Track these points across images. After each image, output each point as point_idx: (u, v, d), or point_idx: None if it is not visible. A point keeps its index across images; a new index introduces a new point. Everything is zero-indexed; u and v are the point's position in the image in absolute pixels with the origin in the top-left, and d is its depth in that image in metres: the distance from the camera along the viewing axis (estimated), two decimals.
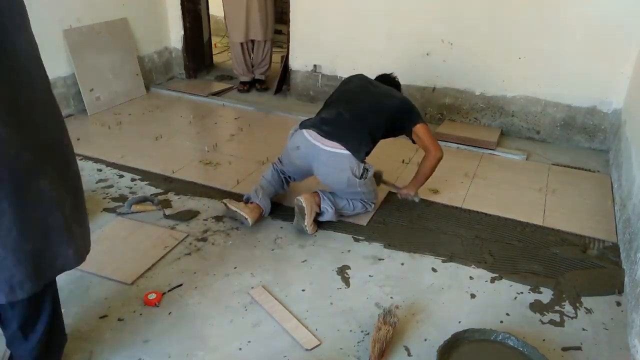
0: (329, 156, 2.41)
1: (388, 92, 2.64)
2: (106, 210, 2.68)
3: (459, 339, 1.84)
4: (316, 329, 1.94)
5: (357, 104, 2.54)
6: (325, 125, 2.44)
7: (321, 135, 2.43)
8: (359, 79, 2.73)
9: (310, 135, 2.46)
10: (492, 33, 3.63)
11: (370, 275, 2.26)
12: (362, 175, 2.45)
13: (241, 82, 4.70)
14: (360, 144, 2.44)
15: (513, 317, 2.05)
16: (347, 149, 2.39)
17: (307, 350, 1.84)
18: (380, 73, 2.89)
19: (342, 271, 2.28)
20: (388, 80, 2.83)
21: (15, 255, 1.29)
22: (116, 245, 2.38)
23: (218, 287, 2.15)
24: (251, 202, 2.59)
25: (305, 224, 2.45)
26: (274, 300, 2.08)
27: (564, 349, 1.90)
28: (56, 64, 3.73)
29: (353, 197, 2.57)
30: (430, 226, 2.65)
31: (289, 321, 1.97)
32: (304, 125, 2.51)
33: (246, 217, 2.48)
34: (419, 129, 2.57)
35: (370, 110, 2.51)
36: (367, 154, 2.50)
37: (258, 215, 2.54)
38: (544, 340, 1.94)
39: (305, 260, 2.34)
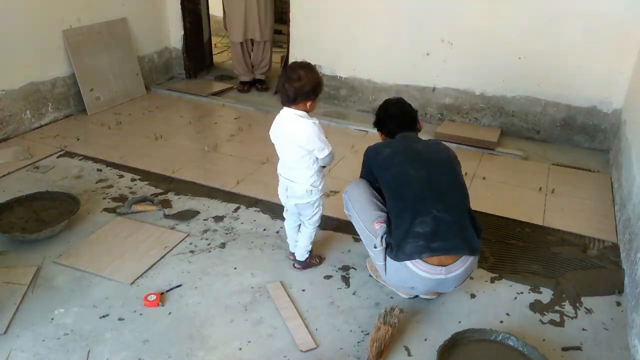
0: (459, 277, 1.92)
1: (439, 150, 2.10)
2: (106, 210, 2.68)
3: (459, 339, 1.84)
4: (316, 329, 1.94)
5: (443, 192, 1.95)
6: (434, 242, 1.86)
7: (438, 255, 1.87)
8: (406, 153, 2.03)
9: (423, 269, 1.87)
10: (492, 33, 3.63)
11: (370, 275, 2.26)
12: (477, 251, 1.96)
13: (241, 82, 4.70)
14: (472, 232, 1.92)
15: (513, 317, 2.05)
16: (471, 254, 1.91)
17: (301, 351, 1.84)
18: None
19: (342, 271, 2.28)
20: (410, 116, 2.21)
21: None
22: (116, 245, 2.38)
23: (218, 287, 2.15)
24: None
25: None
26: (286, 297, 2.09)
27: (564, 349, 1.90)
28: (56, 64, 3.73)
29: None
30: None
31: (294, 320, 1.98)
32: (405, 254, 1.86)
33: None
34: None
35: (454, 187, 2.00)
36: (480, 230, 1.99)
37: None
38: (544, 340, 1.94)
39: None
